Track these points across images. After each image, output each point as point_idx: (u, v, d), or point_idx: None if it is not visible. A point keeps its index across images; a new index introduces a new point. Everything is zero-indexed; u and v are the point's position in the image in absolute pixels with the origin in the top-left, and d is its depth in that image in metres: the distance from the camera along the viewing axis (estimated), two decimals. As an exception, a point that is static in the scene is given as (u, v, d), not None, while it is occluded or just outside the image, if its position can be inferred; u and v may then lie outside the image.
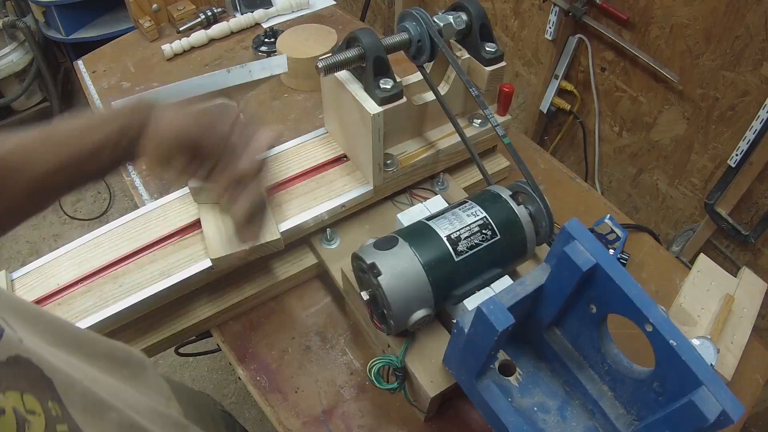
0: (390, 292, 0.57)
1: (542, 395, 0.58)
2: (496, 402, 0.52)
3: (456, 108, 0.86)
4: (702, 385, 0.43)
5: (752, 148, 1.09)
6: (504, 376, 0.59)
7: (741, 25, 1.05)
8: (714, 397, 0.42)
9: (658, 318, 0.45)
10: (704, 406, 0.42)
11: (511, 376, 0.59)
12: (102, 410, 0.36)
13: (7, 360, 0.30)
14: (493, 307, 0.46)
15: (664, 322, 0.45)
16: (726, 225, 1.22)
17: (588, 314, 0.52)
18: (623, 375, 0.52)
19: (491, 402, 0.52)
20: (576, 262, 0.47)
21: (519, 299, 0.50)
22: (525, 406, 0.57)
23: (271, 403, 0.71)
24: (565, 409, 0.57)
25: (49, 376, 0.33)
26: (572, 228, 0.48)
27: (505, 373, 0.59)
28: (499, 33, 1.63)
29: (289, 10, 1.31)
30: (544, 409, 0.57)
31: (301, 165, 0.86)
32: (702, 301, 0.80)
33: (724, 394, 0.43)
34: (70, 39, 1.99)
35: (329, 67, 0.70)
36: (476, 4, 0.76)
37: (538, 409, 0.57)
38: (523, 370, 0.60)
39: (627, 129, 1.42)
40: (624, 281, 0.47)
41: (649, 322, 0.45)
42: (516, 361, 0.60)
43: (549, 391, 0.58)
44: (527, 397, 0.58)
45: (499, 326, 0.45)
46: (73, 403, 0.34)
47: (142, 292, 0.70)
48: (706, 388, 0.43)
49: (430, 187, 0.89)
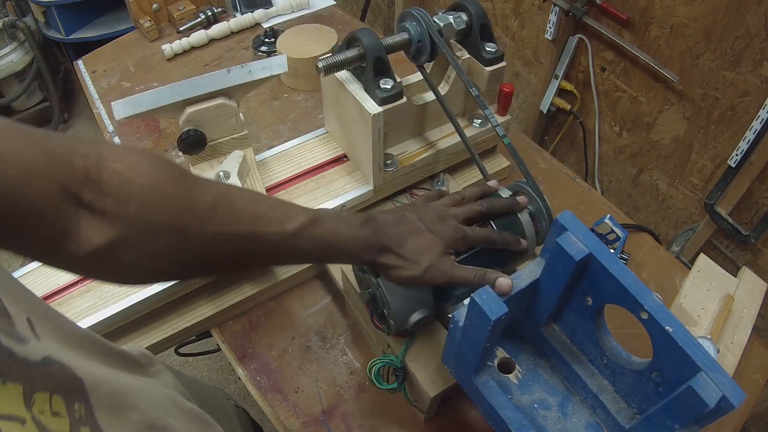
0: (390, 292, 0.57)
1: (542, 392, 0.58)
2: (495, 398, 0.52)
3: (456, 108, 0.86)
4: (700, 370, 0.42)
5: (752, 148, 1.09)
6: (503, 374, 0.59)
7: (741, 25, 1.05)
8: (713, 382, 0.42)
9: (652, 305, 0.45)
10: (703, 392, 0.41)
11: (511, 373, 0.59)
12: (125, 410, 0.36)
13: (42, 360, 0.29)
14: (486, 296, 0.46)
15: (659, 309, 0.45)
16: (726, 225, 1.22)
17: (584, 307, 0.52)
18: (622, 367, 0.52)
19: (490, 398, 0.52)
20: (569, 253, 0.47)
21: (515, 292, 0.50)
22: (525, 403, 0.57)
23: (271, 403, 0.71)
24: (566, 405, 0.57)
25: (80, 376, 0.32)
26: (564, 220, 0.48)
27: (504, 370, 0.59)
28: (499, 33, 1.63)
29: (289, 10, 1.31)
30: (545, 406, 0.57)
31: (301, 165, 0.86)
32: (702, 301, 0.80)
33: (723, 379, 0.42)
34: (70, 39, 1.99)
35: (329, 67, 0.70)
36: (476, 4, 0.76)
37: (538, 406, 0.57)
38: (523, 368, 0.59)
39: (627, 129, 1.42)
40: (617, 270, 0.47)
41: (645, 310, 0.45)
42: (515, 359, 0.60)
43: (549, 388, 0.58)
44: (527, 394, 0.58)
45: (492, 315, 0.45)
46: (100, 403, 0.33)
47: (142, 292, 0.70)
48: (704, 374, 0.42)
49: (430, 187, 0.89)
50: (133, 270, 0.43)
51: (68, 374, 0.31)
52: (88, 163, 0.39)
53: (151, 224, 0.41)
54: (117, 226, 0.40)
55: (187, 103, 0.75)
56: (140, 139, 1.04)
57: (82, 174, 0.38)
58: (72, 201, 0.38)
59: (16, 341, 0.28)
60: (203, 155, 0.81)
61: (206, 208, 0.44)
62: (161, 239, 0.42)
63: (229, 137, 0.81)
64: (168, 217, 0.42)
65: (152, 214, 0.41)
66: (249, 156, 0.83)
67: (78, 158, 0.38)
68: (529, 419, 0.53)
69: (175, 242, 0.43)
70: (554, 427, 0.55)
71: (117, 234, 0.40)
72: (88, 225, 0.39)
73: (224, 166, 0.79)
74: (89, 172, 0.39)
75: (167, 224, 0.42)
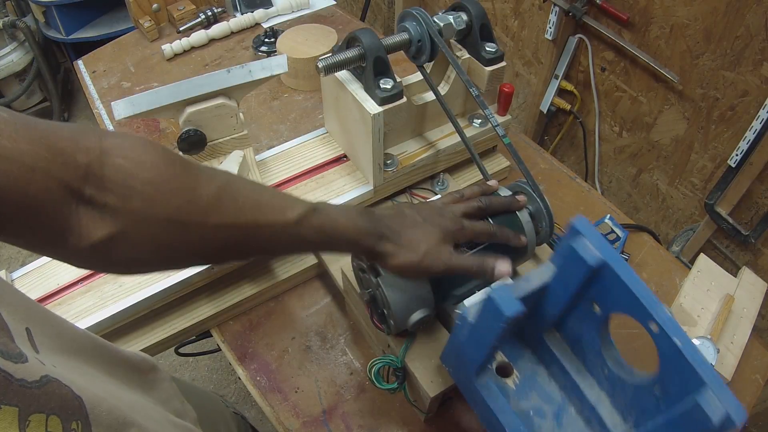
0: (390, 292, 0.57)
1: (539, 399, 0.57)
2: (494, 401, 0.52)
3: (456, 108, 0.86)
4: (707, 387, 0.42)
5: (752, 148, 1.09)
6: (501, 378, 0.58)
7: (741, 25, 1.05)
8: (718, 399, 0.41)
9: (663, 317, 0.44)
10: (709, 409, 0.41)
11: (509, 378, 0.58)
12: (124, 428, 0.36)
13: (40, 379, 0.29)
14: (502, 293, 0.46)
15: (670, 322, 0.44)
16: (726, 225, 1.22)
17: (591, 315, 0.51)
18: (623, 380, 0.51)
19: (489, 401, 0.52)
20: (584, 258, 0.47)
21: (525, 294, 0.50)
22: (521, 409, 0.56)
23: (271, 403, 0.71)
24: (562, 415, 0.56)
25: (78, 394, 0.32)
26: (580, 224, 0.48)
27: (502, 374, 0.58)
28: (499, 33, 1.63)
29: (289, 10, 1.31)
30: (540, 414, 0.56)
31: (301, 165, 0.86)
32: (702, 301, 0.80)
33: (727, 396, 0.42)
34: (70, 39, 1.99)
35: (329, 67, 0.70)
36: (476, 4, 0.76)
37: (534, 413, 0.56)
38: (521, 373, 0.59)
39: (627, 129, 1.42)
40: (631, 279, 0.46)
41: (655, 322, 0.45)
42: (514, 364, 0.59)
43: (546, 396, 0.57)
44: (523, 400, 0.57)
45: (508, 311, 0.45)
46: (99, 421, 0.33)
47: (142, 292, 0.70)
48: (710, 391, 0.42)
49: (430, 187, 0.89)
50: (133, 262, 0.43)
51: (67, 393, 0.31)
52: (90, 158, 0.39)
53: (153, 218, 0.41)
54: (118, 221, 0.40)
55: (187, 103, 0.75)
56: (140, 139, 1.04)
57: (84, 170, 0.38)
58: (73, 196, 0.38)
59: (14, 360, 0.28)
60: (203, 155, 0.81)
61: (209, 201, 0.43)
62: (163, 232, 0.42)
63: (229, 137, 0.81)
64: (171, 211, 0.42)
65: (154, 208, 0.41)
66: (249, 156, 0.83)
67: (80, 153, 0.38)
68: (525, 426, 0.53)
69: (176, 235, 0.43)
70: None
71: (117, 228, 0.40)
72: (89, 219, 0.39)
73: (224, 166, 0.79)
74: (91, 167, 0.39)
75: (169, 218, 0.42)
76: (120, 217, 0.40)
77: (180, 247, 0.44)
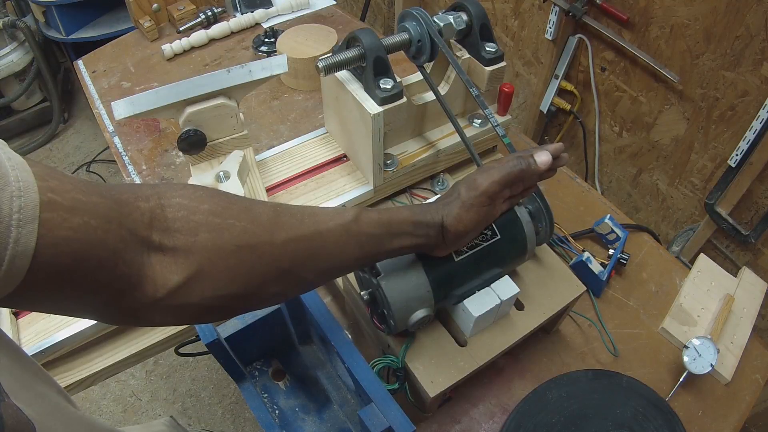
0: (390, 292, 0.57)
1: (305, 398, 0.70)
2: (252, 400, 0.64)
3: (456, 108, 0.86)
4: (371, 402, 0.53)
5: (752, 148, 1.09)
6: (275, 381, 0.71)
7: (741, 25, 1.05)
8: (382, 414, 0.52)
9: (340, 342, 0.59)
10: (370, 422, 0.51)
11: (281, 381, 0.71)
12: None
13: None
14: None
15: (345, 345, 0.59)
16: (726, 225, 1.22)
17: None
18: (348, 388, 0.68)
19: (249, 401, 0.64)
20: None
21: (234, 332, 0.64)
22: (289, 406, 0.69)
23: (271, 403, 0.71)
24: (324, 412, 0.69)
25: None
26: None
27: (276, 378, 0.72)
28: (499, 33, 1.63)
29: (289, 10, 1.31)
30: (305, 410, 0.69)
31: (301, 165, 0.86)
32: (702, 301, 0.80)
33: (393, 412, 0.53)
34: (70, 39, 1.99)
35: (329, 67, 0.70)
36: (476, 4, 0.76)
37: (299, 410, 0.69)
38: (291, 377, 0.71)
39: (627, 129, 1.42)
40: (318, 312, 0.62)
41: (333, 347, 0.58)
42: (286, 369, 0.72)
43: (310, 396, 0.70)
44: (292, 399, 0.70)
45: (204, 340, 0.59)
46: None
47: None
48: (374, 406, 0.53)
49: (430, 187, 0.89)
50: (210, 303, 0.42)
51: None
52: (151, 204, 0.39)
53: (224, 248, 0.41)
54: (191, 260, 0.40)
55: (187, 103, 0.75)
56: (140, 139, 1.04)
57: (149, 215, 0.39)
58: (143, 245, 0.38)
59: None
60: (203, 155, 0.81)
61: (269, 219, 0.44)
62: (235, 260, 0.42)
63: (229, 137, 0.81)
64: (237, 236, 0.42)
65: (223, 237, 0.41)
66: (249, 156, 0.83)
67: (141, 201, 0.39)
68: (287, 421, 0.68)
69: (248, 260, 0.42)
70: (310, 429, 0.67)
71: (192, 268, 0.40)
72: (163, 266, 0.39)
73: (224, 166, 0.79)
74: (154, 211, 0.39)
75: (238, 244, 0.42)
76: (192, 256, 0.40)
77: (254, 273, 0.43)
